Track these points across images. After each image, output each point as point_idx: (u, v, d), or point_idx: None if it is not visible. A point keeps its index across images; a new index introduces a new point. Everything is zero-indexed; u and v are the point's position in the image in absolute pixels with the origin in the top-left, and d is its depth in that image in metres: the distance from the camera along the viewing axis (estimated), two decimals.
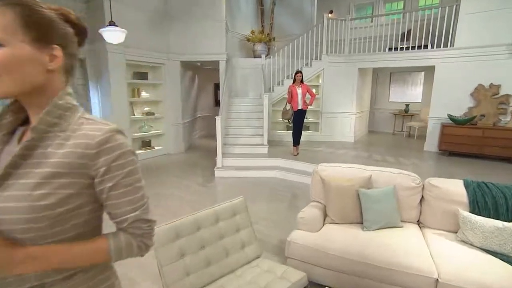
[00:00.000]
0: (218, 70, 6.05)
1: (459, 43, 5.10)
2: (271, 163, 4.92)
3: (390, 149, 5.85)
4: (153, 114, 5.82)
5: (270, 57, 6.39)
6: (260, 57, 6.57)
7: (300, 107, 4.94)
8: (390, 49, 5.99)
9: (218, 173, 4.66)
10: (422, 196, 2.18)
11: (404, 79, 7.90)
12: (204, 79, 8.18)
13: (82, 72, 5.00)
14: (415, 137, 7.11)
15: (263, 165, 4.90)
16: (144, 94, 5.62)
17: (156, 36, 5.51)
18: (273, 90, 6.43)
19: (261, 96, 5.83)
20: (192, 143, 7.18)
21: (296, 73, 4.92)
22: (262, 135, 5.36)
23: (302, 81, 4.99)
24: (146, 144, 5.81)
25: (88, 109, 5.19)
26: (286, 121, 5.23)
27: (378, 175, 2.26)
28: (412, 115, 7.58)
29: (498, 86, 4.82)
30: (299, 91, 4.91)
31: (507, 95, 4.76)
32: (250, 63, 6.81)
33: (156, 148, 5.99)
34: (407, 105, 7.56)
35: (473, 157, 5.02)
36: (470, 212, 1.92)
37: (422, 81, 7.64)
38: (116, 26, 3.37)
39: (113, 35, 3.27)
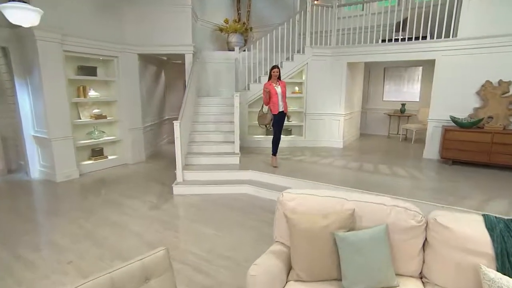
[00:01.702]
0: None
1: (463, 33, 4.62)
2: (242, 176, 4.33)
3: (384, 156, 5.34)
4: (105, 117, 5.13)
5: (245, 50, 5.79)
6: (244, 50, 5.98)
7: (281, 109, 4.37)
8: (383, 40, 5.50)
9: (177, 190, 4.03)
10: (426, 239, 1.61)
11: (400, 75, 7.44)
12: (173, 75, 7.52)
13: (7, 64, 4.29)
14: (412, 141, 6.64)
15: (234, 178, 4.30)
16: (92, 93, 4.94)
17: (106, 23, 4.84)
18: (249, 88, 5.84)
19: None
20: (156, 151, 6.51)
21: (272, 68, 4.35)
22: (233, 142, 4.76)
23: (279, 78, 4.42)
24: (96, 153, 5.12)
25: (14, 110, 4.47)
26: (264, 127, 4.65)
27: (364, 209, 1.69)
28: (409, 116, 7.12)
29: (509, 83, 4.36)
30: (278, 90, 4.33)
31: None
32: (224, 57, 6.21)
33: (110, 157, 5.31)
34: (403, 105, 7.09)
35: (481, 166, 4.55)
36: (498, 269, 1.36)
37: (420, 77, 7.20)
38: (25, 1, 2.69)
39: (19, 14, 2.59)
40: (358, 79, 6.92)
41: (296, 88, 6.06)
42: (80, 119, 4.88)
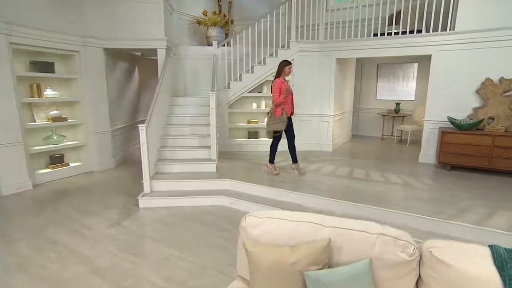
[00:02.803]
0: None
1: (461, 26, 4.43)
2: (219, 185, 4.03)
3: (376, 161, 5.11)
4: (65, 119, 4.76)
5: (224, 45, 5.50)
6: (224, 45, 5.68)
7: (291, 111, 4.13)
8: (375, 35, 5.27)
9: (143, 202, 3.70)
10: (420, 276, 1.35)
11: (394, 72, 7.26)
12: (149, 73, 7.16)
13: None
14: (407, 143, 6.45)
15: (209, 188, 4.00)
16: (49, 92, 4.56)
17: (64, 13, 4.47)
18: (229, 87, 5.55)
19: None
20: (128, 156, 6.15)
21: (287, 64, 3.97)
22: (210, 147, 4.45)
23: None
24: (56, 160, 4.74)
25: None
26: (276, 133, 4.14)
27: (343, 238, 1.41)
28: (404, 116, 6.93)
29: (511, 81, 4.18)
30: (292, 89, 4.10)
31: None
32: (203, 53, 5.90)
33: (72, 165, 4.93)
34: (397, 104, 6.90)
35: (482, 171, 4.35)
36: None
37: (416, 74, 7.03)
38: None
39: None
40: (349, 77, 6.70)
41: None
42: (35, 122, 4.50)
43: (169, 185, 3.96)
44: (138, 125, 3.65)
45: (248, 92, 5.61)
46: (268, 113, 4.09)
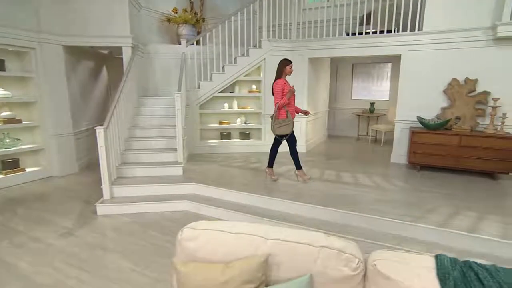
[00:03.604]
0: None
1: (429, 27, 4.46)
2: (185, 190, 3.87)
3: (349, 161, 5.08)
4: (19, 121, 4.45)
5: (193, 43, 5.32)
6: (193, 44, 5.49)
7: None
8: (348, 34, 5.25)
9: (102, 209, 3.49)
10: None
11: (369, 72, 7.30)
12: (119, 72, 6.81)
13: None
14: (381, 143, 6.49)
15: (174, 193, 3.84)
16: (0, 92, 4.24)
17: (14, 5, 4.17)
18: (199, 87, 5.38)
19: (182, 94, 4.74)
20: (95, 160, 5.82)
21: (288, 63, 3.77)
22: (176, 149, 4.28)
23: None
24: (9, 165, 4.43)
25: None
26: (283, 138, 3.84)
27: (285, 252, 1.30)
28: (378, 116, 6.98)
29: (475, 81, 4.24)
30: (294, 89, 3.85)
31: (485, 93, 4.19)
32: (173, 52, 5.71)
33: (29, 170, 4.62)
34: (372, 104, 6.95)
35: (450, 171, 4.40)
36: None
37: (389, 74, 7.09)
38: None
39: None
40: (324, 77, 6.67)
41: (254, 87, 5.68)
42: None
43: (132, 190, 3.76)
44: (95, 127, 3.43)
45: (220, 92, 5.47)
46: (272, 116, 3.83)
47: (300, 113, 4.09)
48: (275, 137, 3.91)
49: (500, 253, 2.42)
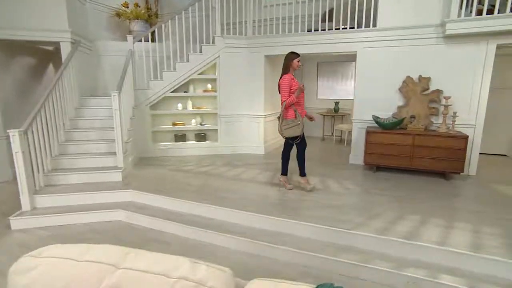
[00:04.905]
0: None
1: (382, 23, 4.35)
2: (121, 197, 3.57)
3: (307, 163, 4.89)
4: None
5: (141, 40, 5.00)
6: (141, 41, 5.15)
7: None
8: (309, 31, 5.08)
9: (18, 223, 3.12)
10: None
11: (334, 70, 7.19)
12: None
13: None
14: (345, 143, 6.38)
15: (109, 201, 3.53)
16: None
17: None
18: (149, 87, 5.07)
19: (125, 93, 4.41)
20: None
21: (296, 56, 3.44)
22: (115, 153, 3.96)
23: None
24: None
25: None
26: (294, 140, 3.54)
27: (133, 284, 1.04)
28: (343, 115, 6.88)
29: (428, 79, 4.15)
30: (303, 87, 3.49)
31: (438, 91, 4.10)
32: (124, 49, 5.33)
33: None
34: (336, 103, 6.83)
35: (406, 172, 4.29)
36: None
37: (354, 73, 6.99)
38: None
39: None
40: None
41: (209, 86, 5.41)
42: None
43: (61, 200, 3.42)
44: (8, 130, 3.07)
45: (172, 92, 5.17)
46: (279, 117, 3.50)
47: (305, 116, 3.65)
48: (285, 140, 3.59)
49: (436, 260, 2.27)
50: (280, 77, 3.48)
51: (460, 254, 2.23)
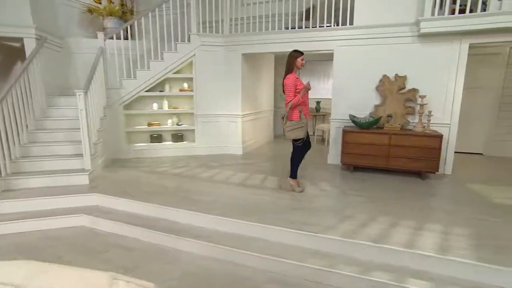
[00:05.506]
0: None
1: (359, 21, 4.30)
2: (85, 201, 3.40)
3: (284, 163, 4.80)
4: None
5: (113, 37, 4.82)
6: (113, 38, 4.96)
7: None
8: (286, 29, 4.99)
9: None
10: None
11: (315, 69, 7.14)
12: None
13: None
14: (326, 143, 6.33)
15: (73, 205, 3.36)
16: None
17: None
18: (121, 86, 4.90)
19: (93, 92, 4.22)
20: None
21: (300, 54, 3.33)
22: (82, 155, 3.78)
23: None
24: None
25: None
26: (297, 142, 3.41)
27: None
28: (325, 114, 6.83)
29: (404, 78, 4.12)
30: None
31: (414, 90, 4.08)
32: (97, 47, 5.15)
33: None
34: (318, 103, 6.78)
35: (383, 172, 4.25)
36: None
37: None
38: None
39: None
40: (266, 74, 6.40)
41: (186, 85, 5.27)
42: None
43: (17, 206, 3.23)
44: None
45: (147, 91, 5.01)
46: (283, 117, 3.37)
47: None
48: (293, 142, 3.47)
49: (404, 263, 2.20)
50: (284, 77, 3.38)
51: (427, 256, 2.16)
